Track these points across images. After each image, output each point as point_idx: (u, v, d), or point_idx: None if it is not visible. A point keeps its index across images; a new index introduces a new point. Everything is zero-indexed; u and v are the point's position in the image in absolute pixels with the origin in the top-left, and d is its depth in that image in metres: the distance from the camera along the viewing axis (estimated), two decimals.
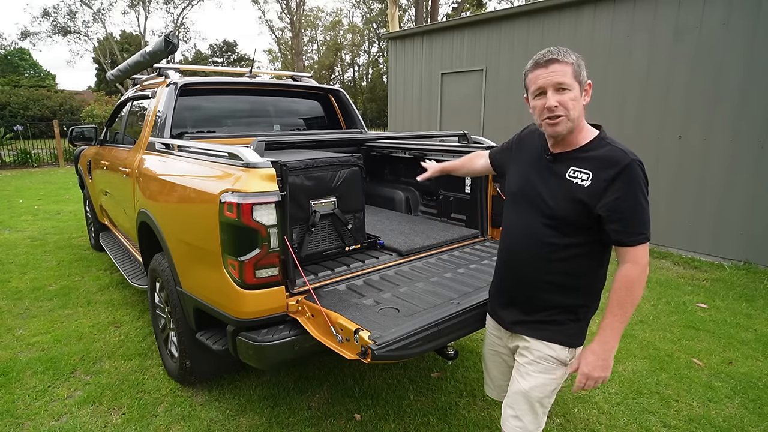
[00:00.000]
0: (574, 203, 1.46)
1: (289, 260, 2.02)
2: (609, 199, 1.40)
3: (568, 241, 1.50)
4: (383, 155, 3.93)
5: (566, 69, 1.42)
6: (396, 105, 9.54)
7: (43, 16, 27.72)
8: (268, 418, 2.52)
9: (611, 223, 1.42)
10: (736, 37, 4.88)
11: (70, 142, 4.89)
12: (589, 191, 1.43)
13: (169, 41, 3.18)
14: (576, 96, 1.43)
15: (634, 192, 1.39)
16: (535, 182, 1.58)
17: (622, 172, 1.39)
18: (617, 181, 1.39)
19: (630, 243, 1.42)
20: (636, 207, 1.40)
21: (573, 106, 1.43)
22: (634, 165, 1.40)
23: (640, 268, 1.43)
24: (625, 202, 1.39)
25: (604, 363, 1.50)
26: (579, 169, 1.47)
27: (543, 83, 1.44)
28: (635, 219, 1.40)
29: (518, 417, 1.65)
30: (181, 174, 2.53)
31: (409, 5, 33.40)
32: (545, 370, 1.61)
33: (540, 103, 1.47)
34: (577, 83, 1.43)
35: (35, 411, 2.58)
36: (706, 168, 5.21)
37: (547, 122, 1.47)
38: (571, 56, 1.43)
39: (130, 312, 3.83)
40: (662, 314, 3.86)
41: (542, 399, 1.63)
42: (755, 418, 2.55)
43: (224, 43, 42.92)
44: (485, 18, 7.49)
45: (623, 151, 1.44)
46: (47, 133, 16.85)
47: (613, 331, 1.48)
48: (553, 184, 1.52)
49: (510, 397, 1.69)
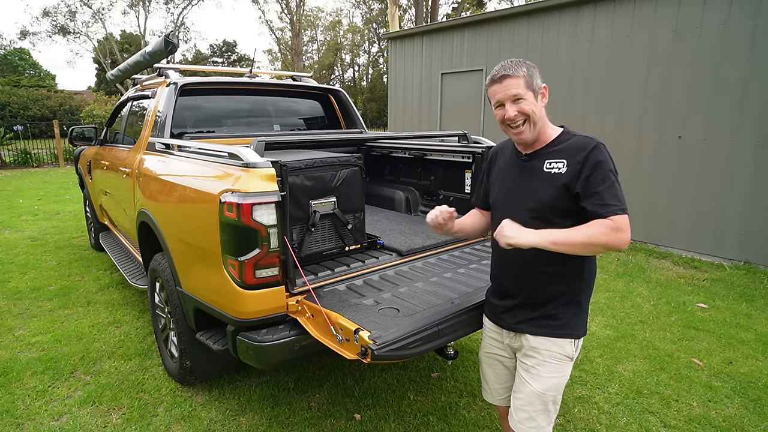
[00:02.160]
0: (557, 189, 1.56)
1: (289, 260, 2.02)
2: (582, 177, 1.52)
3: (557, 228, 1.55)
4: (383, 155, 3.93)
5: (519, 82, 1.57)
6: (396, 105, 9.54)
7: (43, 16, 27.74)
8: (268, 418, 2.52)
9: (586, 198, 1.51)
10: (736, 37, 4.88)
11: (70, 142, 4.89)
12: (567, 175, 1.55)
13: (169, 41, 3.18)
14: (531, 102, 1.58)
15: (603, 169, 1.51)
16: (516, 184, 1.69)
17: (591, 153, 1.53)
18: (588, 161, 1.52)
19: (606, 214, 1.48)
20: (605, 181, 1.50)
21: (531, 111, 1.58)
22: (599, 146, 1.54)
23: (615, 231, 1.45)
24: (596, 178, 1.51)
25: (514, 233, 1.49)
26: (554, 161, 1.59)
27: (500, 97, 1.60)
28: (608, 192, 1.49)
29: (533, 418, 1.66)
30: (181, 174, 2.53)
31: (409, 5, 33.40)
32: (556, 369, 1.63)
33: (501, 113, 1.62)
34: (531, 91, 1.58)
35: (35, 411, 2.58)
36: (706, 168, 5.21)
37: (512, 131, 1.63)
38: (521, 69, 1.58)
39: (130, 312, 3.83)
40: (662, 314, 3.86)
41: (555, 397, 1.66)
42: (755, 418, 2.55)
43: (224, 43, 42.91)
44: (485, 18, 7.49)
45: (588, 137, 1.58)
46: (47, 133, 16.87)
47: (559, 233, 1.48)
48: (532, 180, 1.63)
49: (521, 400, 1.68)
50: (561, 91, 6.43)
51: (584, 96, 6.20)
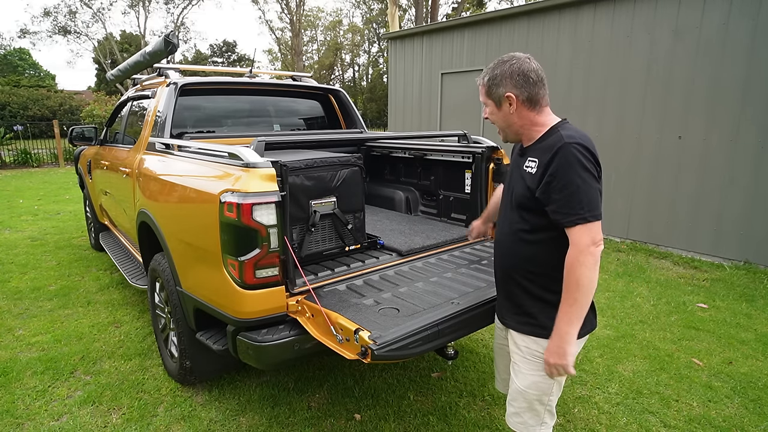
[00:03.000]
0: (526, 189, 1.55)
1: (289, 260, 2.02)
2: (544, 182, 1.46)
3: (532, 225, 1.56)
4: (383, 155, 3.93)
5: (481, 90, 1.62)
6: (396, 105, 9.54)
7: (44, 16, 27.74)
8: (268, 418, 2.52)
9: (548, 204, 1.47)
10: (736, 37, 4.88)
11: (70, 142, 4.88)
12: (535, 177, 1.51)
13: (169, 41, 3.18)
14: (493, 111, 1.61)
15: (567, 172, 1.42)
16: (511, 177, 1.71)
17: (555, 155, 1.44)
18: (551, 164, 1.45)
19: (566, 224, 1.43)
20: (568, 187, 1.41)
21: (494, 119, 1.62)
22: (567, 146, 1.44)
23: (577, 249, 1.41)
24: (558, 183, 1.43)
25: (558, 350, 1.47)
26: (531, 159, 1.56)
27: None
28: (570, 199, 1.41)
29: (518, 414, 1.68)
30: (181, 174, 2.53)
31: (409, 5, 33.39)
32: (536, 367, 1.61)
33: None
34: (491, 100, 1.60)
35: (35, 411, 2.58)
36: (706, 168, 5.21)
37: None
38: (485, 78, 1.60)
39: (130, 312, 3.83)
40: (662, 314, 3.86)
41: (540, 397, 1.63)
42: (755, 418, 2.55)
43: (224, 43, 42.91)
44: (485, 18, 7.49)
45: (561, 135, 1.49)
46: (47, 133, 16.87)
47: (564, 316, 1.45)
48: (517, 175, 1.63)
49: (510, 394, 1.73)
50: (561, 91, 6.43)
51: (584, 96, 6.20)
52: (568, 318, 1.45)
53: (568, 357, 1.46)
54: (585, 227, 1.41)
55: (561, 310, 1.46)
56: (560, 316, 1.47)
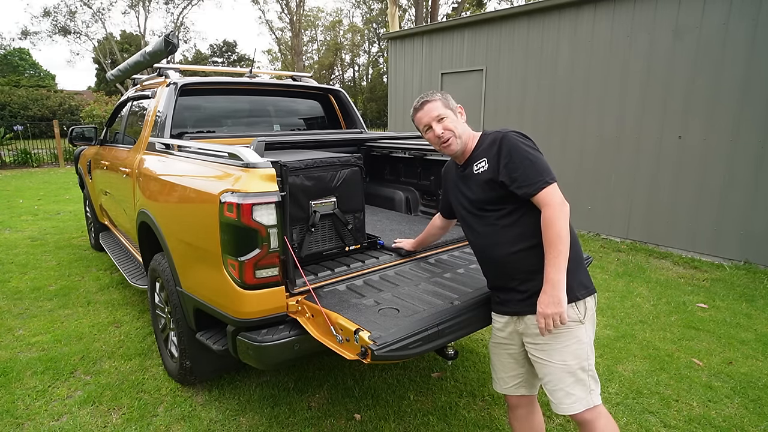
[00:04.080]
0: (486, 184, 1.75)
1: (289, 260, 2.02)
2: (501, 166, 1.69)
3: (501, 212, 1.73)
4: (383, 155, 3.93)
5: (437, 104, 1.82)
6: (396, 105, 9.54)
7: (43, 16, 27.74)
8: (268, 418, 2.52)
9: (512, 183, 1.66)
10: (736, 37, 4.89)
11: (70, 142, 4.89)
12: (490, 170, 1.73)
13: (169, 41, 3.18)
14: (453, 119, 1.83)
15: (517, 152, 1.67)
16: (462, 192, 1.89)
17: (501, 143, 1.71)
18: (501, 150, 1.70)
19: (534, 192, 1.64)
20: (523, 162, 1.66)
21: (455, 126, 1.81)
22: (507, 135, 1.72)
23: (551, 207, 1.61)
24: (513, 163, 1.66)
25: (553, 299, 1.59)
26: (478, 162, 1.79)
27: (426, 120, 1.84)
28: (528, 172, 1.64)
29: (569, 393, 1.69)
30: (181, 174, 2.53)
31: (409, 5, 33.39)
32: (567, 338, 1.67)
33: (431, 135, 1.85)
34: (449, 110, 1.83)
35: (35, 411, 2.58)
36: (706, 168, 5.21)
37: (443, 146, 1.83)
38: (436, 95, 1.84)
39: (130, 312, 3.83)
40: (662, 314, 3.86)
41: (581, 363, 1.69)
42: (755, 418, 2.55)
43: (224, 43, 42.92)
44: (485, 18, 7.49)
45: (497, 131, 1.77)
46: (47, 133, 16.87)
47: (552, 267, 1.60)
48: (470, 184, 1.83)
49: (551, 381, 1.72)
50: (561, 91, 6.43)
51: (584, 96, 6.20)
52: (556, 268, 1.59)
53: (564, 303, 1.59)
54: (550, 188, 1.63)
55: (549, 263, 1.61)
56: (549, 269, 1.61)
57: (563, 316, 1.59)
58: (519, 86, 6.98)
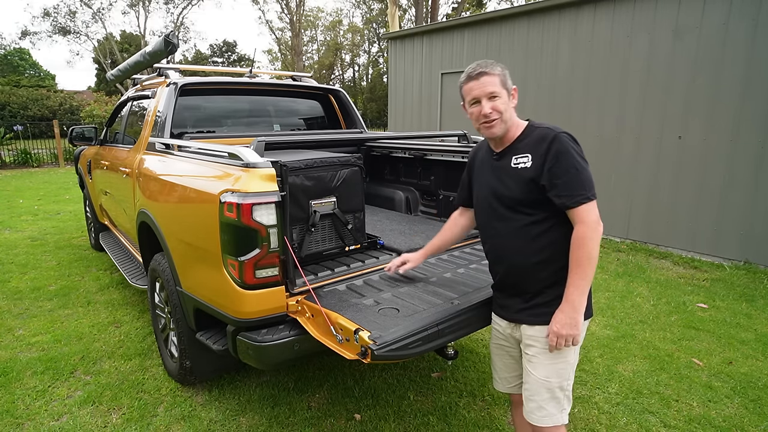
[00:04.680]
0: (525, 184, 1.62)
1: (289, 260, 2.02)
2: (546, 169, 1.57)
3: (534, 218, 1.63)
4: (383, 155, 3.93)
5: (495, 80, 1.63)
6: (396, 105, 9.54)
7: (43, 16, 27.74)
8: (268, 418, 2.52)
9: (552, 189, 1.56)
10: (736, 37, 4.88)
11: (70, 142, 4.89)
12: (533, 169, 1.60)
13: (169, 41, 3.18)
14: (505, 101, 1.65)
15: (566, 159, 1.55)
16: (491, 183, 1.75)
17: (552, 143, 1.57)
18: (549, 152, 1.57)
19: (572, 205, 1.55)
20: (570, 171, 1.55)
21: (504, 109, 1.64)
22: (560, 136, 1.58)
23: (587, 225, 1.54)
24: (559, 169, 1.55)
25: (571, 321, 1.56)
26: (520, 156, 1.66)
27: (477, 94, 1.65)
28: (572, 182, 1.54)
29: (542, 407, 1.69)
30: (181, 174, 2.53)
31: (409, 5, 33.39)
32: (557, 357, 1.65)
33: (476, 110, 1.67)
34: (505, 90, 1.65)
35: (35, 411, 2.58)
36: (706, 168, 5.21)
37: (484, 125, 1.67)
38: (497, 68, 1.65)
39: (130, 312, 3.83)
40: (662, 314, 3.86)
41: (561, 383, 1.68)
42: (755, 418, 2.55)
43: (224, 43, 42.91)
44: (485, 18, 7.49)
45: (549, 128, 1.63)
46: (47, 133, 16.87)
47: (576, 289, 1.55)
48: (504, 176, 1.70)
49: (529, 390, 1.72)
50: (561, 91, 6.43)
51: (584, 96, 6.20)
52: (580, 290, 1.54)
53: (579, 326, 1.56)
54: (589, 205, 1.54)
55: (573, 283, 1.55)
56: (572, 290, 1.55)
57: (576, 339, 1.57)
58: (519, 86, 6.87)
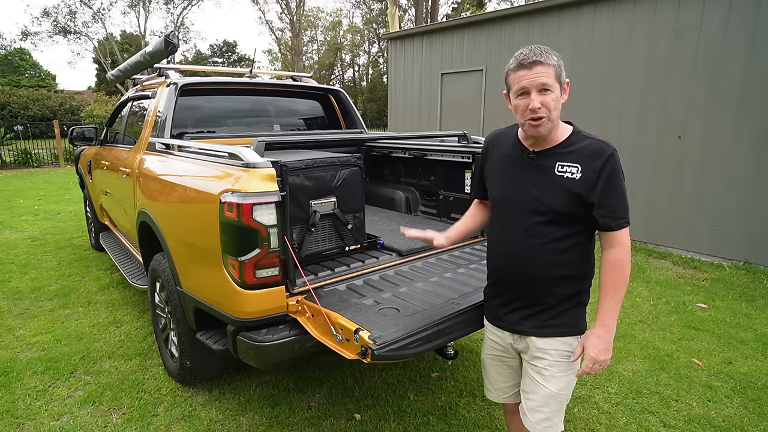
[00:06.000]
0: (570, 196, 1.50)
1: (289, 260, 2.02)
2: (599, 188, 1.47)
3: (566, 232, 1.54)
4: (383, 155, 3.93)
5: (549, 71, 1.44)
6: (396, 105, 9.54)
7: (44, 17, 27.74)
8: (268, 418, 2.53)
9: (600, 209, 1.49)
10: (736, 37, 4.89)
11: (70, 142, 4.89)
12: (582, 183, 1.49)
13: (170, 41, 3.18)
14: (557, 97, 1.48)
15: (618, 180, 1.49)
16: (522, 183, 1.59)
17: (608, 161, 1.48)
18: (604, 170, 1.47)
19: (615, 227, 1.50)
20: (619, 193, 1.49)
21: (554, 106, 1.47)
22: (615, 155, 1.50)
23: (625, 250, 1.52)
24: (611, 189, 1.48)
25: (607, 346, 1.54)
26: (566, 164, 1.52)
27: (527, 84, 1.46)
28: (620, 205, 1.49)
29: (549, 418, 1.65)
30: (181, 174, 2.53)
31: (409, 5, 33.39)
32: (567, 368, 1.63)
33: (523, 102, 1.49)
34: (558, 84, 1.47)
35: (35, 411, 2.58)
36: (706, 168, 5.21)
37: (530, 123, 1.50)
38: (553, 57, 1.46)
39: (130, 312, 3.83)
40: (662, 314, 3.86)
41: (568, 395, 1.68)
42: (755, 418, 2.55)
43: (224, 44, 42.91)
44: (485, 18, 7.49)
45: (604, 143, 1.52)
46: (47, 133, 16.86)
47: (612, 312, 1.53)
48: (542, 181, 1.55)
49: (536, 401, 1.65)
50: None
51: (584, 96, 6.20)
52: (614, 314, 1.53)
53: (611, 351, 1.55)
54: (627, 230, 1.52)
55: (609, 306, 1.52)
56: (608, 314, 1.52)
57: (608, 362, 1.56)
58: None
